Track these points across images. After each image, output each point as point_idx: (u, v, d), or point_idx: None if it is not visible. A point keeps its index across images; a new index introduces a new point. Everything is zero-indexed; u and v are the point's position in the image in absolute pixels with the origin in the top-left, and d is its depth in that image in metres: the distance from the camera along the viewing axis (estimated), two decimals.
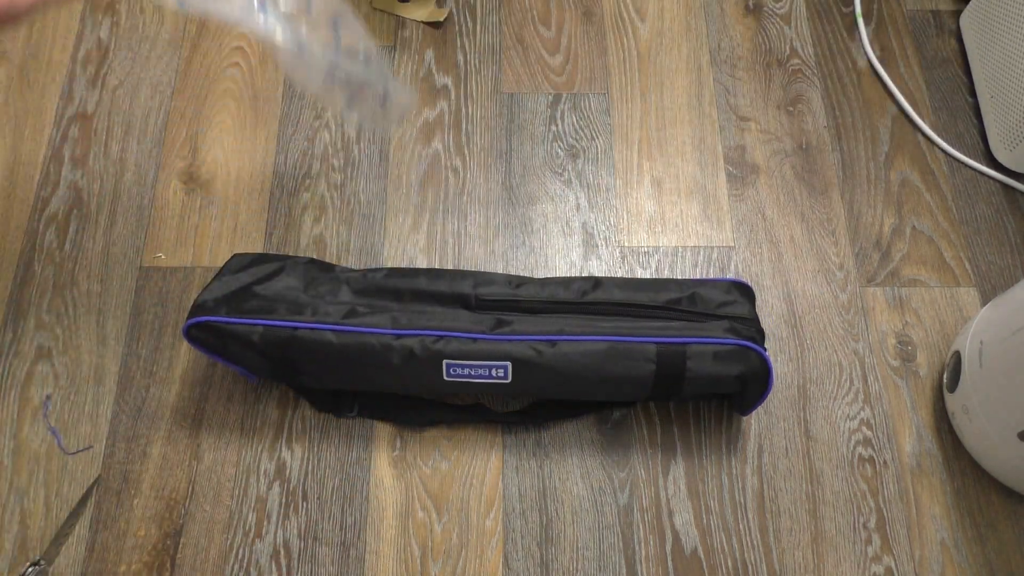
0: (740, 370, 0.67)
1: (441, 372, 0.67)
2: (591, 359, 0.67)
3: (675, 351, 0.67)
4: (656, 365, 0.67)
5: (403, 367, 0.67)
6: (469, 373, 0.67)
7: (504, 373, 0.67)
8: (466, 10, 0.96)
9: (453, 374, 0.67)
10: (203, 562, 0.69)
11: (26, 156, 0.85)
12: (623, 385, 0.69)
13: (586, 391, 0.70)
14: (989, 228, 0.86)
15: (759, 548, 0.71)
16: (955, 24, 0.97)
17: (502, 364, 0.67)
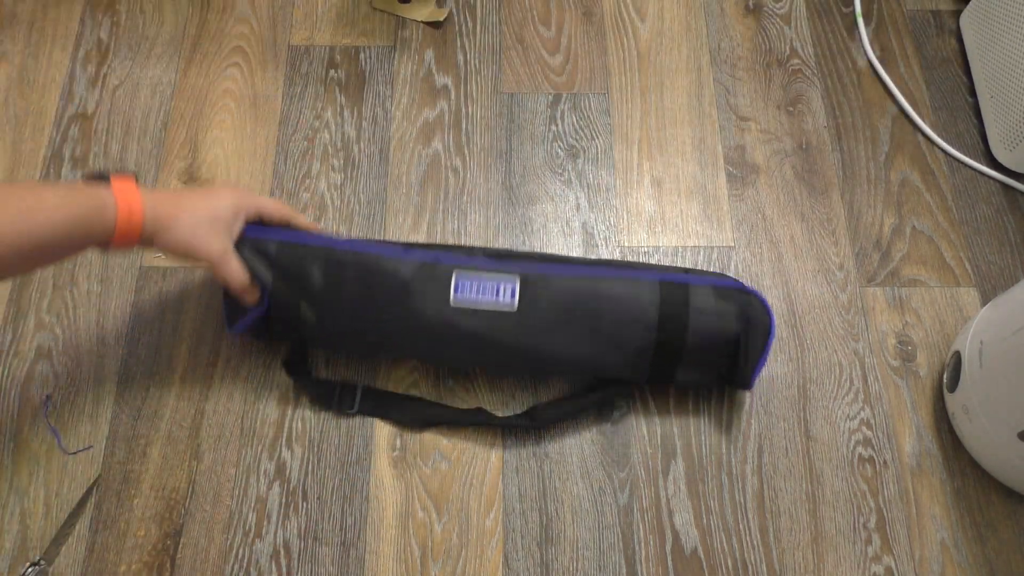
0: (739, 310, 0.69)
1: (449, 293, 0.67)
2: (597, 284, 0.69)
3: (678, 285, 0.70)
4: (660, 298, 0.69)
5: (412, 282, 0.68)
6: (477, 295, 0.67)
7: (511, 294, 0.67)
8: (466, 10, 0.96)
9: (461, 296, 0.67)
10: (203, 562, 0.69)
11: (26, 156, 0.85)
12: (627, 328, 0.68)
13: (589, 335, 0.68)
14: (989, 228, 0.86)
15: (759, 548, 0.71)
16: (955, 24, 0.97)
17: (510, 281, 0.68)
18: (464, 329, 0.68)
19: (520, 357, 0.70)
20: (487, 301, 0.68)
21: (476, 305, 0.68)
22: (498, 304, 0.68)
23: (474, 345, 0.69)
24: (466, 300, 0.68)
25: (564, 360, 0.70)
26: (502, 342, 0.69)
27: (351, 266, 0.68)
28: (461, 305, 0.68)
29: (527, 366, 0.73)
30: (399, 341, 0.71)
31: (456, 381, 0.77)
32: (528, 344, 0.69)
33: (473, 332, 0.68)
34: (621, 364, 0.70)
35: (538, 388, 0.77)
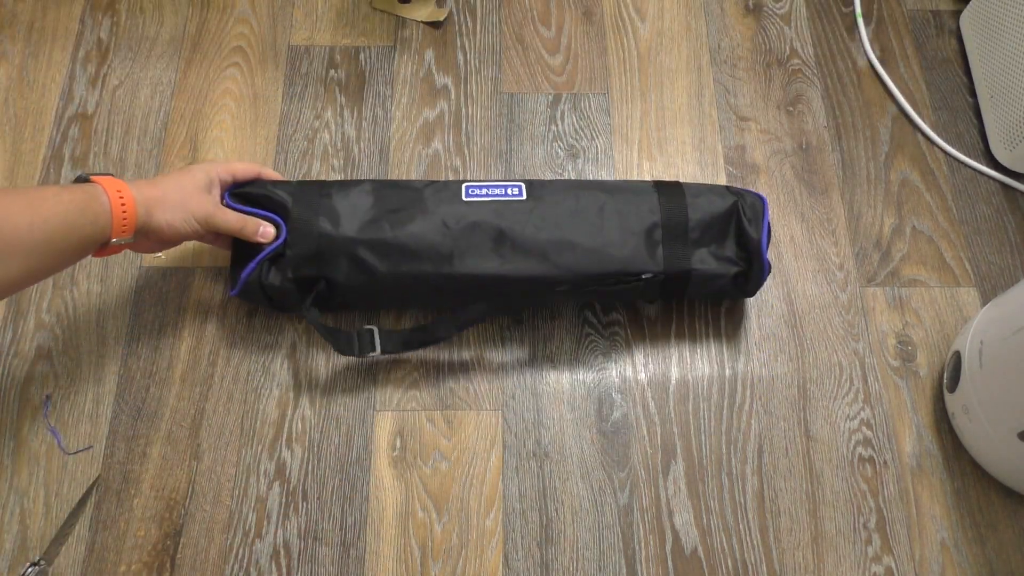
0: (727, 189, 0.76)
1: (460, 194, 0.73)
2: (597, 184, 0.76)
3: (668, 181, 0.77)
4: (655, 189, 0.75)
5: (426, 189, 0.74)
6: (486, 192, 0.73)
7: (519, 191, 0.73)
8: (466, 10, 0.96)
9: (471, 194, 0.73)
10: (203, 562, 0.69)
11: (26, 156, 0.85)
12: (631, 209, 0.73)
13: (599, 221, 0.72)
14: (989, 228, 0.86)
15: (759, 548, 0.71)
16: (955, 24, 0.97)
17: (516, 183, 0.74)
18: (477, 219, 0.71)
19: (537, 250, 0.71)
20: (496, 196, 0.73)
21: (486, 198, 0.72)
22: (507, 196, 0.73)
23: (489, 238, 0.71)
24: (477, 196, 0.72)
25: (580, 250, 0.72)
26: (515, 231, 0.71)
27: (366, 184, 0.74)
28: (473, 199, 0.72)
29: (544, 265, 0.72)
30: (416, 249, 0.71)
31: (456, 381, 0.77)
32: (542, 236, 0.71)
33: (486, 221, 0.71)
34: (635, 251, 0.72)
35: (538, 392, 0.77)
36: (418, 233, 0.71)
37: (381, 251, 0.71)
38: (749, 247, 0.73)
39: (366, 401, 0.76)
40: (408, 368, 0.77)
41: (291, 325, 0.78)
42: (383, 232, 0.71)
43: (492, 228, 0.71)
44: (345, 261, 0.71)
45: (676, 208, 0.73)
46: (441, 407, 0.76)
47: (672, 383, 0.77)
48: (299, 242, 0.71)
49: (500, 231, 0.71)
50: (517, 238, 0.71)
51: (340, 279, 0.71)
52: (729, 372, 0.78)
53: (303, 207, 0.72)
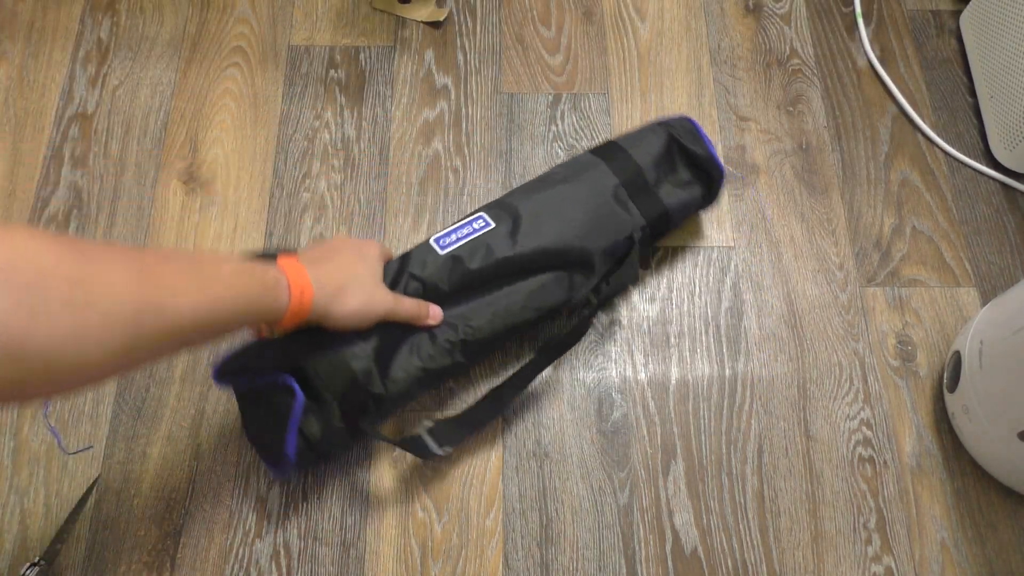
0: (667, 131, 0.77)
1: (435, 250, 0.70)
2: (552, 182, 0.75)
3: (609, 146, 0.78)
4: (603, 160, 0.76)
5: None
6: (456, 238, 0.70)
7: (484, 222, 0.71)
8: (466, 10, 0.96)
9: (444, 245, 0.70)
10: (203, 562, 0.69)
11: (26, 156, 0.85)
12: (592, 189, 0.74)
13: (571, 219, 0.72)
14: (989, 228, 0.86)
15: (759, 548, 0.71)
16: (955, 24, 0.97)
17: (478, 216, 0.72)
18: (463, 259, 0.69)
19: (526, 261, 0.70)
20: (465, 235, 0.70)
21: (458, 243, 0.70)
22: (476, 232, 0.71)
23: (481, 268, 0.69)
24: (450, 246, 0.70)
25: (571, 248, 0.71)
26: (500, 251, 0.70)
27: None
28: (448, 249, 0.70)
29: (535, 267, 0.72)
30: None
31: (456, 382, 0.77)
32: (525, 246, 0.70)
33: (470, 256, 0.69)
34: (614, 218, 0.73)
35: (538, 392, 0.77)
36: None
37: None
38: (699, 162, 0.77)
39: None
40: None
41: None
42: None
43: (473, 255, 0.69)
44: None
45: (624, 164, 0.76)
46: (441, 407, 0.76)
47: (672, 383, 0.77)
48: (333, 381, 0.64)
49: (481, 255, 0.69)
50: (497, 254, 0.69)
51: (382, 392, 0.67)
52: (729, 372, 0.78)
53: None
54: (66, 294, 0.40)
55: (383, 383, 0.65)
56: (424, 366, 0.67)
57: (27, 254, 0.40)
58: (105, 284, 0.43)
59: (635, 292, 0.81)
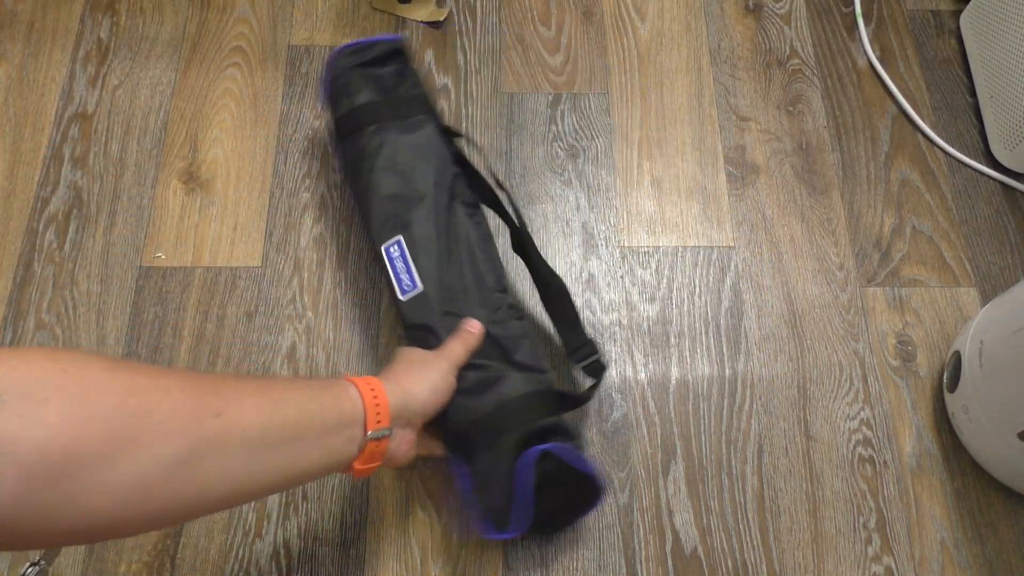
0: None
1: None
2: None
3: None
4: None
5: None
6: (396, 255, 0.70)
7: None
8: (466, 10, 0.96)
9: (389, 253, 0.70)
10: (203, 562, 0.69)
11: (26, 156, 0.85)
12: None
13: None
14: (989, 228, 0.86)
15: (759, 548, 0.71)
16: (955, 24, 0.97)
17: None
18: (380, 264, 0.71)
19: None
20: (395, 270, 0.70)
21: (388, 264, 0.70)
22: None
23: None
24: (387, 254, 0.71)
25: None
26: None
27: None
28: (383, 252, 0.71)
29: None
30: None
31: None
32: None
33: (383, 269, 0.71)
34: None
35: None
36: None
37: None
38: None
39: None
40: None
41: (291, 325, 0.78)
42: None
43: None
44: None
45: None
46: None
47: (672, 383, 0.77)
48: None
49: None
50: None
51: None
52: (729, 372, 0.78)
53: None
54: (119, 401, 0.39)
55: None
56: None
57: (77, 364, 0.38)
58: (162, 390, 0.41)
59: (635, 292, 0.81)
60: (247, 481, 0.45)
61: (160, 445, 0.40)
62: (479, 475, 0.64)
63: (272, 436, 0.46)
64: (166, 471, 0.40)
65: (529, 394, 0.65)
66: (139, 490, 0.39)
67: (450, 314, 0.68)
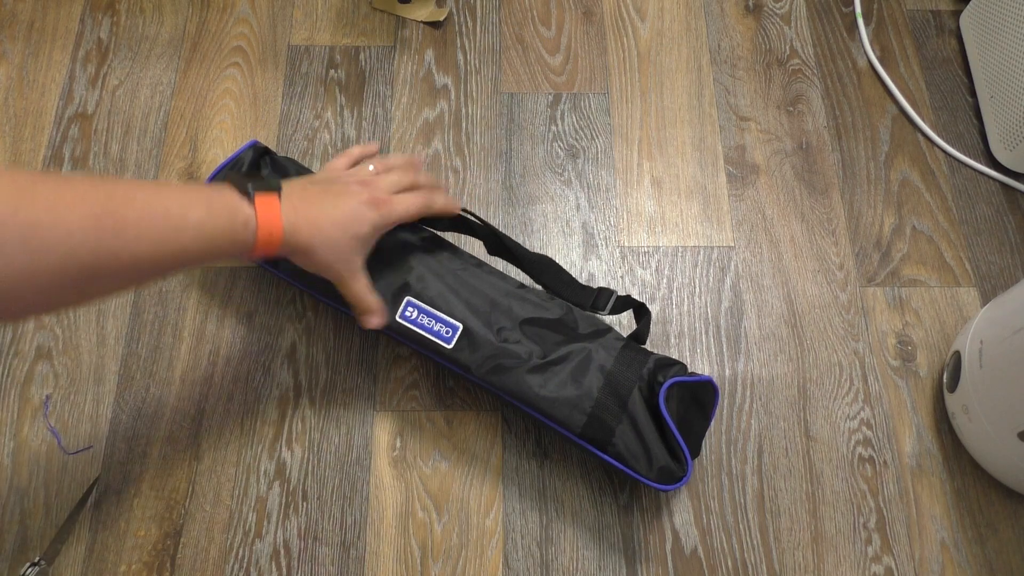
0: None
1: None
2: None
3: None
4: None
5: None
6: (417, 319, 0.68)
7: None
8: (466, 10, 0.96)
9: (406, 316, 0.68)
10: (203, 562, 0.69)
11: (26, 156, 0.85)
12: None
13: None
14: (989, 228, 0.86)
15: (759, 548, 0.71)
16: (955, 24, 0.97)
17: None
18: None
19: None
20: (425, 327, 0.68)
21: (415, 327, 0.68)
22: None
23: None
24: (408, 320, 0.68)
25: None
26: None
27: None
28: (403, 323, 0.68)
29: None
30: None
31: (456, 381, 0.77)
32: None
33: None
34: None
35: None
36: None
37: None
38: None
39: (366, 401, 0.76)
40: (408, 368, 0.77)
41: (291, 325, 0.78)
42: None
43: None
44: None
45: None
46: (441, 407, 0.76)
47: None
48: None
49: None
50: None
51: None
52: (729, 372, 0.78)
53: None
54: (22, 237, 0.42)
55: None
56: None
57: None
58: (63, 232, 0.44)
59: (635, 292, 0.81)
60: (127, 291, 0.52)
61: (55, 279, 0.44)
62: (627, 449, 0.65)
63: (165, 272, 0.52)
64: (58, 295, 0.45)
65: (619, 354, 0.67)
66: (30, 306, 0.45)
67: (503, 329, 0.67)
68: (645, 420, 0.65)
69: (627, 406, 0.65)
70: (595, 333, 0.69)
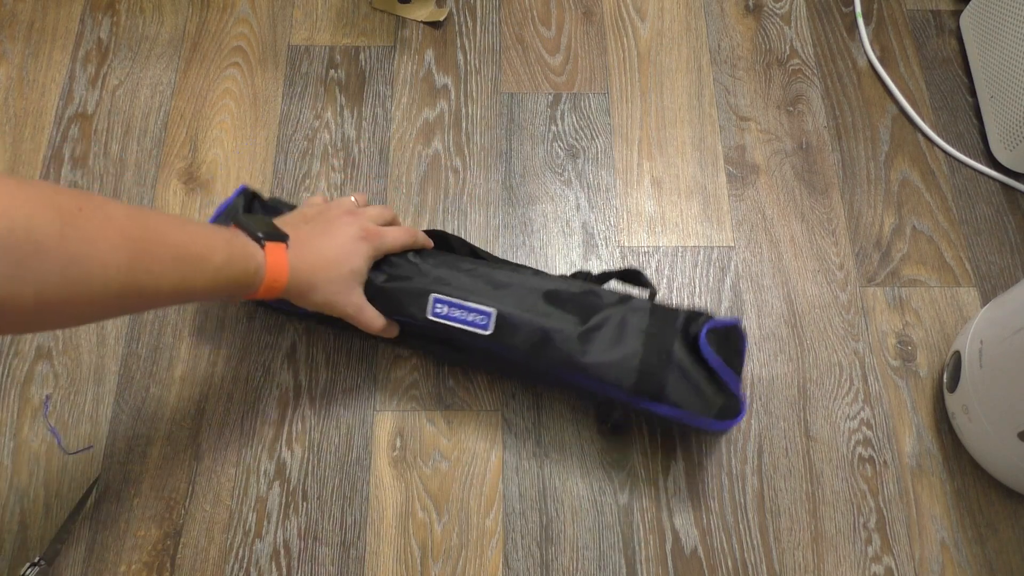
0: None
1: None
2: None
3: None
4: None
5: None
6: (448, 313, 0.68)
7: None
8: (466, 10, 0.96)
9: (437, 312, 0.68)
10: (203, 562, 0.69)
11: (26, 156, 0.85)
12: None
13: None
14: (989, 228, 0.86)
15: (759, 548, 0.71)
16: (955, 24, 0.97)
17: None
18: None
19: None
20: (459, 319, 0.68)
21: (450, 322, 0.68)
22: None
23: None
24: (440, 316, 0.68)
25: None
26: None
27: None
28: (436, 319, 0.68)
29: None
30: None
31: (456, 381, 0.77)
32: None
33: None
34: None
35: (538, 392, 0.77)
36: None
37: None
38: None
39: (366, 401, 0.76)
40: (408, 368, 0.77)
41: (291, 325, 0.78)
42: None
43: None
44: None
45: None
46: (441, 407, 0.76)
47: None
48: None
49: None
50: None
51: None
52: None
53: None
54: (62, 268, 0.43)
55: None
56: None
57: (30, 224, 0.41)
58: (100, 265, 0.46)
59: (635, 292, 0.81)
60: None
61: (85, 310, 0.47)
62: (681, 397, 0.66)
63: (177, 304, 0.59)
64: (83, 321, 0.49)
65: (650, 314, 0.69)
66: (56, 326, 0.47)
67: (535, 307, 0.68)
68: (692, 367, 0.67)
69: (672, 358, 0.67)
70: (621, 300, 0.70)
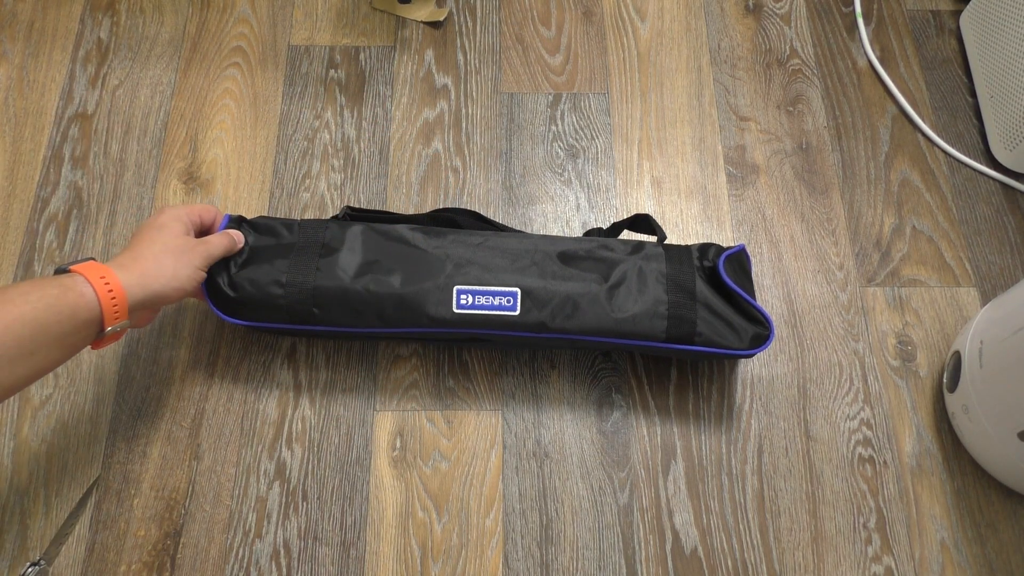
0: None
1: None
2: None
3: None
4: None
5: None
6: (475, 302, 0.69)
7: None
8: (466, 10, 0.96)
9: (462, 304, 0.69)
10: (203, 562, 0.69)
11: (26, 156, 0.85)
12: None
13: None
14: (989, 228, 0.86)
15: (759, 548, 0.71)
16: (955, 24, 0.97)
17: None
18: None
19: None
20: (486, 306, 0.69)
21: (475, 309, 0.69)
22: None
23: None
24: (465, 308, 0.69)
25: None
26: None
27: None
28: (463, 311, 0.69)
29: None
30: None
31: (456, 381, 0.77)
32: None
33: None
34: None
35: (538, 392, 0.77)
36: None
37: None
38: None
39: (366, 401, 0.76)
40: (408, 368, 0.77)
41: None
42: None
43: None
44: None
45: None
46: (441, 407, 0.76)
47: (672, 383, 0.77)
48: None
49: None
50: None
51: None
52: (729, 372, 0.78)
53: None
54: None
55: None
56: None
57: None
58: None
59: None
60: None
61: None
62: (714, 332, 0.69)
63: (11, 353, 0.51)
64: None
65: (666, 257, 0.72)
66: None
67: (554, 273, 0.70)
68: (716, 300, 0.69)
69: (696, 296, 0.69)
70: (633, 249, 0.72)
